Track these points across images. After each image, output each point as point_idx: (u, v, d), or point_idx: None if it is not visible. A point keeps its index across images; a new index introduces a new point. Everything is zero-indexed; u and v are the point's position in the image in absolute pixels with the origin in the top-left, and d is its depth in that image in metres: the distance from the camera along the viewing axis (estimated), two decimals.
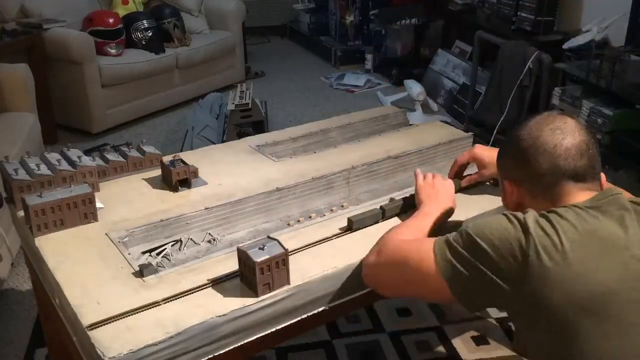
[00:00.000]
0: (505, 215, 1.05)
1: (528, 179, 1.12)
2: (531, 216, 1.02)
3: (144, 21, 4.08)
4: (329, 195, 1.61)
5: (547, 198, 1.10)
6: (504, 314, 2.11)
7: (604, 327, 0.96)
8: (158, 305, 1.13)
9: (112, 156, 1.65)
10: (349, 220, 1.42)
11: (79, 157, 1.53)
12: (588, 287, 0.96)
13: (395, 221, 1.45)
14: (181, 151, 2.16)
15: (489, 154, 1.53)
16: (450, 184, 1.46)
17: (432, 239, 1.12)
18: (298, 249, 1.33)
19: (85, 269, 1.24)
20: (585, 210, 1.03)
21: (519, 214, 1.03)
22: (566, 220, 1.00)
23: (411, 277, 1.13)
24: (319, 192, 1.60)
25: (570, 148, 1.07)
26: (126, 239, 1.34)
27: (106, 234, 1.36)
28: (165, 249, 1.34)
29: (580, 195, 1.07)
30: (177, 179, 1.56)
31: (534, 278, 0.97)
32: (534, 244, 0.98)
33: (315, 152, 1.84)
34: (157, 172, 1.65)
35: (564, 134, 1.08)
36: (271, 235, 1.23)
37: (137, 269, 1.22)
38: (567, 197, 1.08)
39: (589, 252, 0.98)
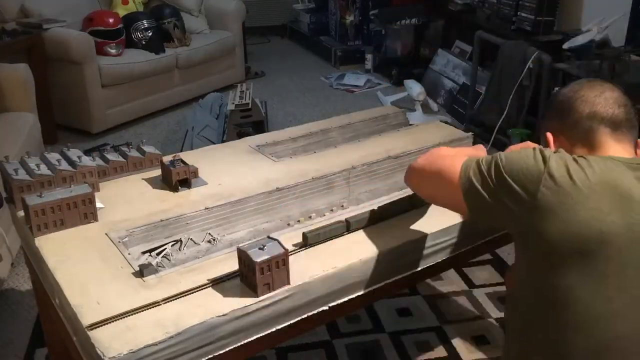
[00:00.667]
0: (533, 148, 1.10)
1: (568, 126, 1.17)
2: (556, 154, 1.07)
3: (144, 21, 4.08)
4: (329, 195, 1.61)
5: (585, 144, 1.14)
6: (504, 314, 2.11)
7: (599, 267, 1.02)
8: (158, 305, 1.13)
9: (112, 156, 1.65)
10: (304, 235, 1.36)
11: (79, 157, 1.53)
12: (590, 229, 1.01)
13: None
14: (181, 151, 2.16)
15: None
16: None
17: (467, 157, 1.19)
18: (298, 249, 1.33)
19: (85, 269, 1.24)
20: (618, 164, 1.06)
21: (547, 150, 1.09)
22: (590, 167, 1.04)
23: (438, 184, 1.22)
24: (319, 192, 1.60)
25: (608, 98, 1.14)
26: (126, 239, 1.34)
27: (106, 234, 1.36)
28: (165, 249, 1.34)
29: (616, 146, 1.12)
30: (177, 179, 1.56)
31: (541, 209, 1.03)
32: (548, 175, 1.03)
33: (315, 152, 1.84)
34: (157, 172, 1.65)
35: (603, 88, 1.16)
36: (271, 235, 1.23)
37: (137, 269, 1.22)
38: (604, 146, 1.13)
39: (602, 199, 1.01)
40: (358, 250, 1.32)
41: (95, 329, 1.07)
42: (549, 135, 1.21)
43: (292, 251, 1.29)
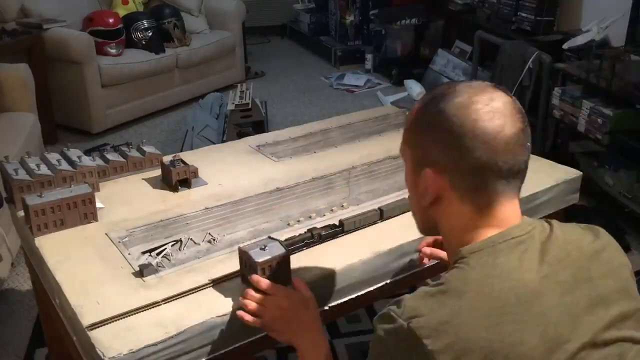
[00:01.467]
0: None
1: (458, 170, 0.89)
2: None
3: (144, 21, 4.08)
4: (329, 195, 1.61)
5: (473, 199, 0.90)
6: None
7: None
8: (158, 305, 1.13)
9: (112, 156, 1.65)
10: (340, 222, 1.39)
11: (79, 157, 1.53)
12: None
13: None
14: (181, 151, 2.16)
15: None
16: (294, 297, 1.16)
17: None
18: (298, 249, 1.33)
19: (85, 269, 1.24)
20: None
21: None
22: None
23: None
24: (319, 192, 1.60)
25: (510, 140, 0.88)
26: (126, 239, 1.34)
27: (106, 234, 1.36)
28: (165, 249, 1.34)
29: (508, 207, 0.90)
30: (177, 179, 1.56)
31: None
32: None
33: (315, 152, 1.84)
34: (157, 172, 1.65)
35: (504, 118, 0.88)
36: (272, 236, 1.23)
37: (137, 269, 1.22)
38: (496, 206, 0.89)
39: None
40: (358, 250, 1.32)
41: (95, 329, 1.07)
42: (431, 175, 0.91)
43: (292, 251, 1.29)
